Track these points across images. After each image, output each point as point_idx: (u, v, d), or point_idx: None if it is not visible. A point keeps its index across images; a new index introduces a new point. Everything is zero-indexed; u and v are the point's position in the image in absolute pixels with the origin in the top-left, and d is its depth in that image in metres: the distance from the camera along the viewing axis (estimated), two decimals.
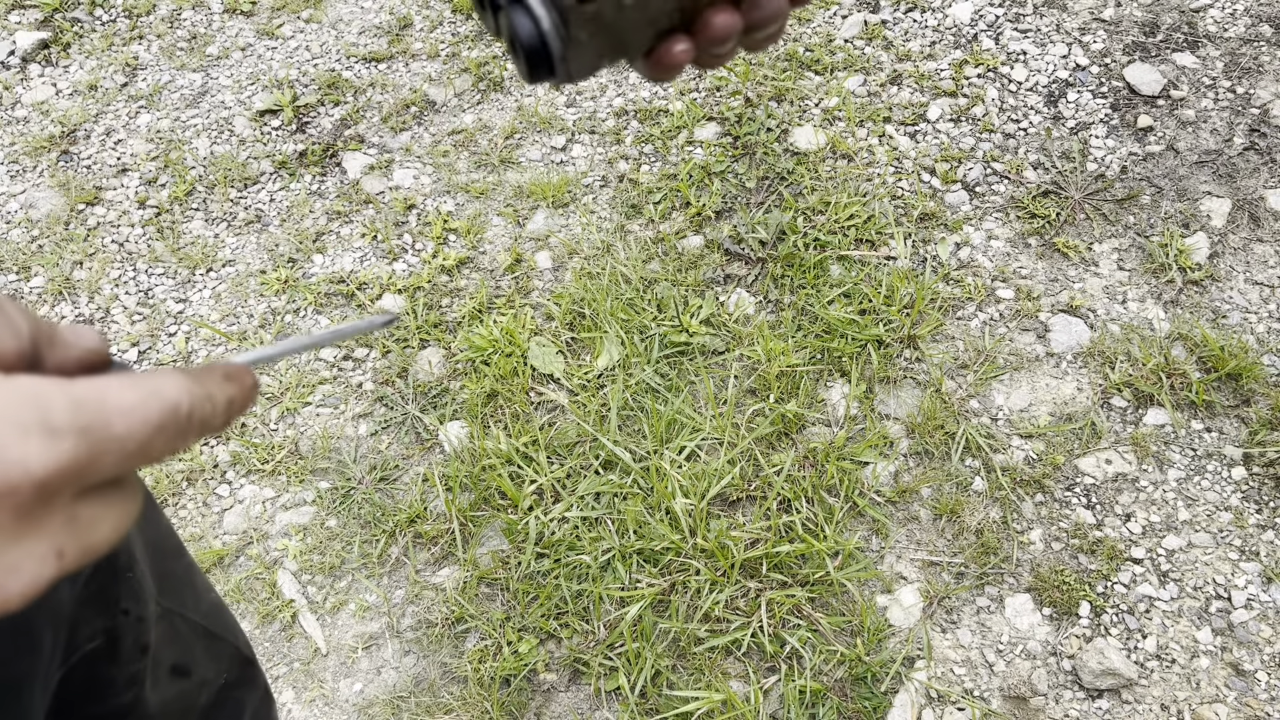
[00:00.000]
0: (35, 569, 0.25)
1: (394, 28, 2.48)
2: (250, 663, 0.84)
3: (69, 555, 0.26)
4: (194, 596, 0.75)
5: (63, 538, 0.26)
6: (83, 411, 0.25)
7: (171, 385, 0.28)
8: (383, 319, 0.40)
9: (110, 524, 0.28)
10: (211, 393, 0.30)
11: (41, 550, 0.25)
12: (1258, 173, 1.95)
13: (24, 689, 0.51)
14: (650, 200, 2.06)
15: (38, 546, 0.25)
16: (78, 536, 0.27)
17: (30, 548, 0.25)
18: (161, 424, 0.27)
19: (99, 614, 0.59)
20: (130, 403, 0.27)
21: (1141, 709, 1.45)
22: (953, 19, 2.30)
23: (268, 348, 0.37)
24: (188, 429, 0.28)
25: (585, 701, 1.52)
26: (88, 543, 0.27)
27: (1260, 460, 1.63)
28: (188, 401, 0.28)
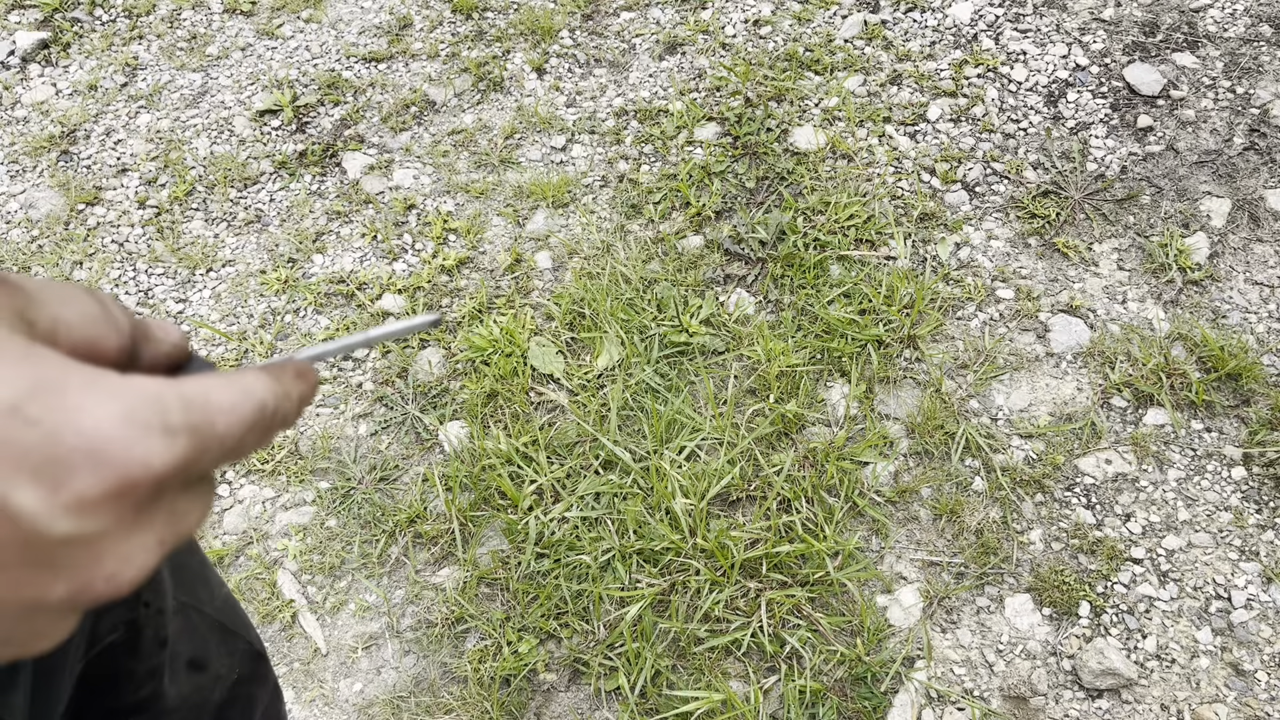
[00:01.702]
0: (143, 558, 0.27)
1: (394, 28, 2.48)
2: (262, 658, 0.84)
3: (167, 543, 0.28)
4: (208, 591, 0.75)
5: (164, 528, 0.27)
6: (192, 411, 0.26)
7: (259, 385, 0.30)
8: (431, 317, 0.41)
9: (198, 513, 0.29)
10: (289, 390, 0.31)
11: (149, 541, 0.27)
12: (1258, 173, 1.95)
13: (52, 679, 0.51)
14: (650, 200, 2.06)
15: (147, 537, 0.27)
16: (174, 526, 0.28)
17: (141, 539, 0.26)
18: (254, 422, 0.29)
19: (121, 605, 0.60)
20: (230, 402, 0.28)
21: (1141, 709, 1.45)
22: (953, 19, 2.30)
23: (328, 344, 0.38)
24: (271, 425, 0.30)
25: (585, 701, 1.52)
26: (181, 531, 0.28)
27: (1260, 460, 1.63)
28: (273, 400, 0.30)
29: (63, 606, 0.26)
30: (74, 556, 0.25)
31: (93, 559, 0.25)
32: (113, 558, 0.26)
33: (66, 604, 0.26)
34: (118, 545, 0.26)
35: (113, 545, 0.26)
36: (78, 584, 0.25)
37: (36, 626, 0.27)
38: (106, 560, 0.26)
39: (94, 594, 0.26)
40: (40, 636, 0.27)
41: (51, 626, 0.27)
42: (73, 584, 0.25)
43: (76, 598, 0.26)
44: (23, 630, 0.26)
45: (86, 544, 0.25)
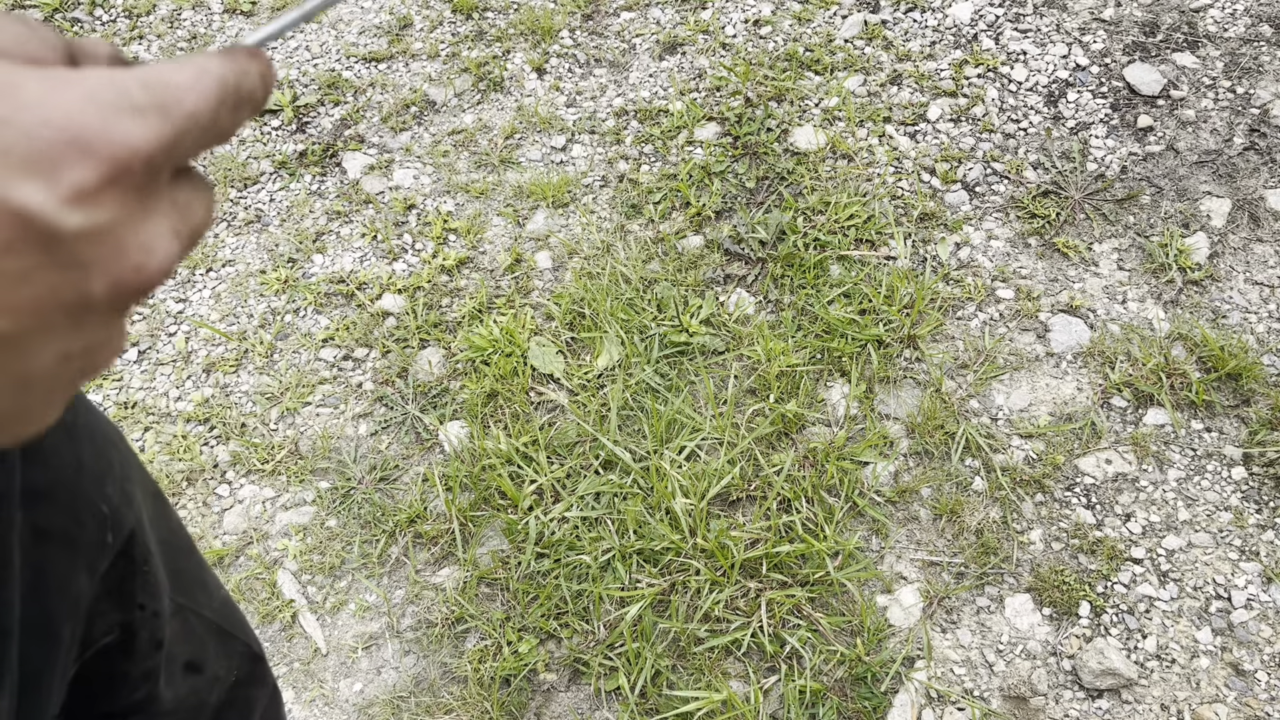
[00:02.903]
0: (164, 248, 0.27)
1: (394, 28, 2.48)
2: (260, 660, 0.84)
3: (183, 234, 0.28)
4: (205, 593, 0.75)
5: (173, 218, 0.28)
6: (154, 90, 0.26)
7: (213, 63, 0.29)
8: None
9: (201, 206, 0.30)
10: (245, 68, 0.31)
11: (163, 230, 0.27)
12: (1258, 173, 1.95)
13: (41, 680, 0.51)
14: (650, 200, 2.06)
15: (160, 225, 0.27)
16: (184, 217, 0.28)
17: (155, 226, 0.27)
18: (221, 96, 0.28)
19: (116, 608, 0.60)
20: (189, 79, 0.28)
21: (1141, 709, 1.45)
22: (953, 19, 2.30)
23: (269, 25, 0.38)
24: (240, 101, 0.30)
25: (585, 701, 1.52)
26: (192, 224, 0.29)
27: (1260, 460, 1.63)
28: (232, 74, 0.30)
29: (107, 305, 0.26)
30: (96, 252, 0.25)
31: (115, 252, 0.26)
32: (134, 248, 0.26)
33: (109, 301, 0.26)
34: (134, 235, 0.26)
35: (129, 235, 0.26)
36: (111, 277, 0.26)
37: (97, 333, 0.27)
38: (129, 251, 0.26)
39: (129, 286, 0.26)
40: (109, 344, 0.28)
41: (108, 331, 0.28)
42: (107, 277, 0.26)
43: (116, 292, 0.26)
44: (89, 338, 0.27)
45: (102, 237, 0.25)
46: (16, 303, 0.24)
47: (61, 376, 0.28)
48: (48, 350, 0.26)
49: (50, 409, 0.29)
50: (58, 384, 0.28)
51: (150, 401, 1.91)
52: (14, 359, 0.25)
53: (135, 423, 1.88)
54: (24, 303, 0.24)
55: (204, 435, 1.86)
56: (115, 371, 1.96)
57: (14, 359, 0.25)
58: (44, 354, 0.26)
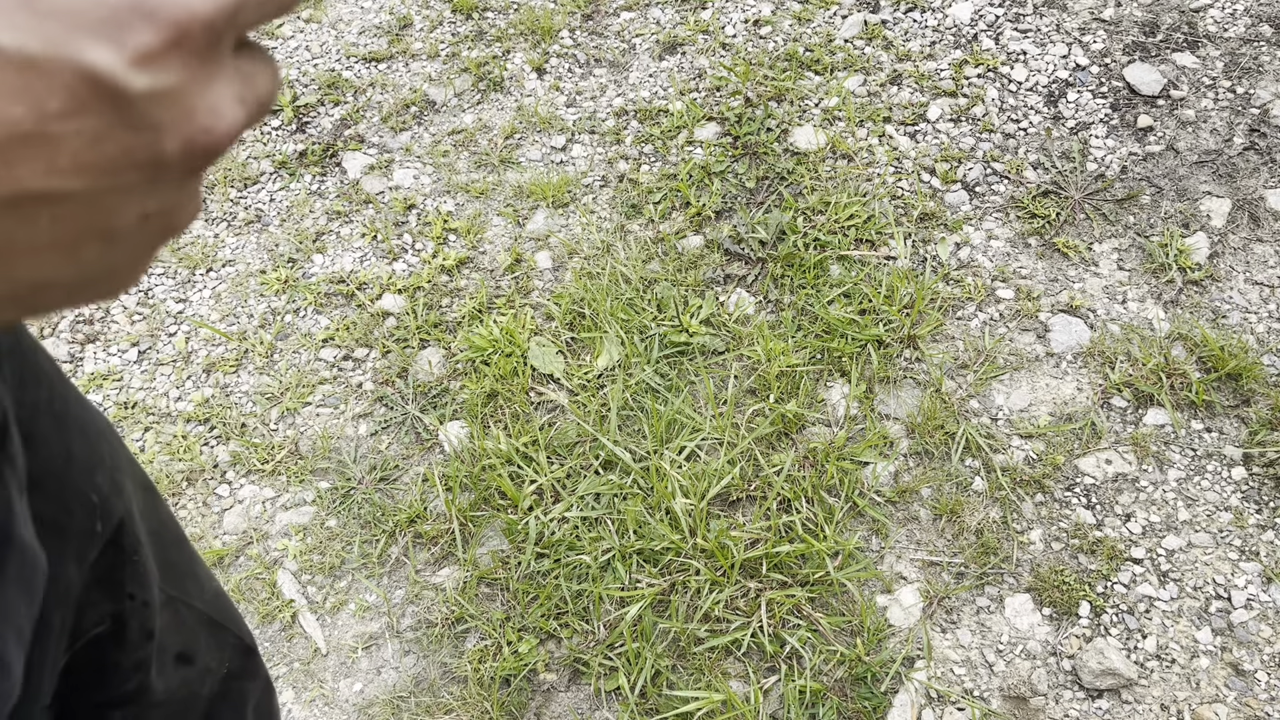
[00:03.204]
0: (231, 112, 0.28)
1: (394, 28, 2.48)
2: (252, 652, 0.84)
3: (249, 101, 0.29)
4: (196, 585, 0.75)
5: (239, 85, 0.28)
6: None
7: None
8: None
9: (266, 77, 0.30)
10: None
11: (229, 94, 0.28)
12: (1258, 173, 1.95)
13: (31, 670, 0.51)
14: (650, 200, 2.06)
15: (225, 90, 0.28)
16: (249, 85, 0.29)
17: (220, 91, 0.28)
18: None
19: (106, 597, 0.60)
20: None
21: (1141, 709, 1.45)
22: (953, 19, 2.30)
23: None
24: None
25: (585, 701, 1.52)
26: (257, 93, 0.29)
27: (1260, 460, 1.63)
28: None
29: (180, 165, 0.27)
30: (165, 113, 0.26)
31: (183, 113, 0.27)
32: (202, 111, 0.27)
33: (182, 161, 0.27)
34: (201, 97, 0.27)
35: (196, 97, 0.27)
36: (182, 137, 0.27)
37: (173, 194, 0.29)
38: (198, 113, 0.27)
39: (199, 147, 0.27)
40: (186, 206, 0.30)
41: (183, 193, 0.29)
42: (178, 138, 0.27)
43: (188, 152, 0.27)
44: (165, 198, 0.28)
45: (170, 99, 0.26)
46: (95, 161, 0.26)
47: (143, 235, 0.29)
48: (128, 208, 0.28)
49: (136, 268, 0.31)
50: (140, 242, 0.29)
51: (150, 401, 1.91)
52: (97, 216, 0.27)
53: (135, 423, 1.88)
54: (102, 161, 0.26)
55: (204, 435, 1.86)
56: (115, 371, 1.96)
57: (97, 216, 0.27)
58: (125, 212, 0.28)
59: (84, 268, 0.29)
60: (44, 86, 0.24)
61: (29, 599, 0.47)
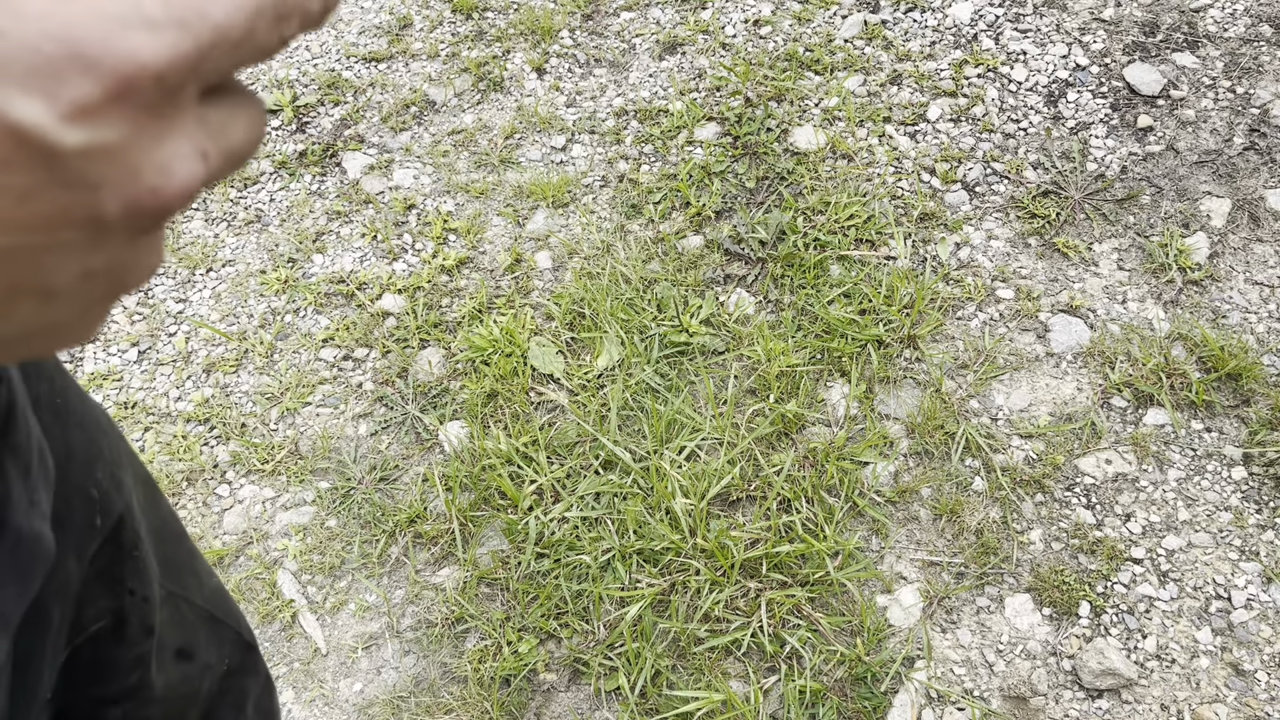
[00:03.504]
0: (185, 169, 0.26)
1: (394, 28, 2.48)
2: (252, 649, 0.85)
3: (213, 157, 0.27)
4: (196, 581, 0.75)
5: (200, 138, 0.26)
6: (173, 2, 0.25)
7: None
8: None
9: (242, 127, 0.28)
10: None
11: (185, 150, 0.26)
12: (1258, 173, 1.95)
13: (30, 664, 0.51)
14: (650, 200, 2.06)
15: (180, 146, 0.26)
16: (214, 139, 0.27)
17: (173, 148, 0.25)
18: (258, 7, 0.26)
19: (106, 593, 0.60)
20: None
21: (1141, 709, 1.45)
22: (953, 19, 2.30)
23: None
24: (284, 11, 0.27)
25: (585, 701, 1.52)
26: (226, 145, 0.27)
27: (1260, 460, 1.63)
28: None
29: (125, 226, 0.26)
30: (104, 171, 0.24)
31: (126, 172, 0.25)
32: (148, 169, 0.25)
33: (125, 221, 0.25)
34: (148, 155, 0.25)
35: (143, 155, 0.25)
36: (124, 198, 0.25)
37: (121, 253, 0.27)
38: (143, 172, 0.25)
39: (145, 209, 0.25)
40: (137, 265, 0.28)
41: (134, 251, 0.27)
42: (119, 199, 0.25)
43: (132, 213, 0.25)
44: (112, 257, 0.27)
45: (110, 156, 0.24)
46: (21, 219, 0.24)
47: (88, 293, 0.27)
48: (66, 266, 0.26)
49: (85, 324, 0.29)
50: (85, 300, 0.28)
51: (150, 401, 1.91)
52: (28, 273, 0.25)
53: (135, 423, 1.88)
54: (31, 219, 0.24)
55: (204, 435, 1.86)
56: (115, 371, 1.96)
57: (28, 273, 0.25)
58: (63, 270, 0.26)
59: (18, 324, 0.27)
60: None
61: (21, 586, 0.46)
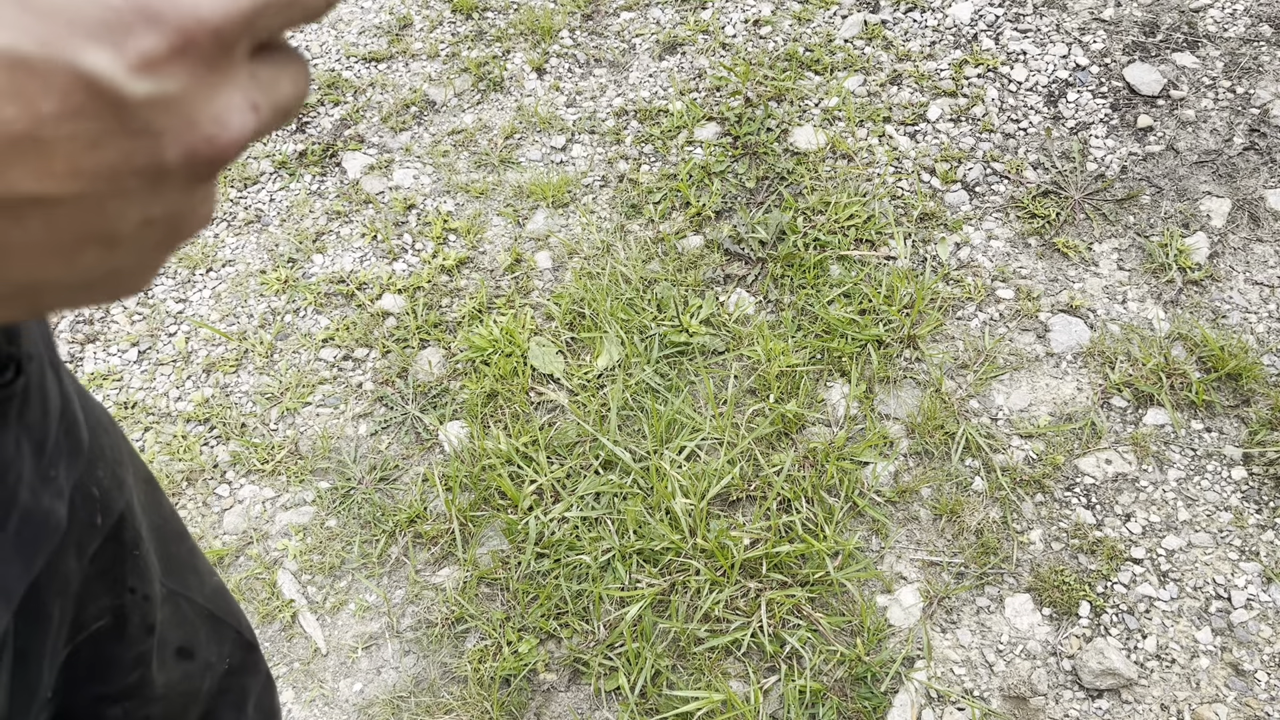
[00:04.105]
0: (238, 120, 0.27)
1: (394, 28, 2.48)
2: (253, 648, 0.85)
3: (263, 110, 0.28)
4: (197, 579, 0.75)
5: (252, 92, 0.28)
6: None
7: None
8: None
9: (289, 83, 0.29)
10: None
11: (238, 102, 0.27)
12: (1258, 173, 1.95)
13: (30, 662, 0.51)
14: (650, 200, 2.06)
15: (234, 98, 0.27)
16: (265, 92, 0.28)
17: (227, 99, 0.27)
18: None
19: (107, 591, 0.60)
20: None
21: (1141, 709, 1.45)
22: (953, 19, 2.30)
23: None
24: None
25: (585, 701, 1.52)
26: (275, 99, 0.29)
27: (1260, 460, 1.63)
28: None
29: (184, 173, 0.27)
30: (166, 120, 0.26)
31: (186, 121, 0.26)
32: (205, 119, 0.27)
33: (184, 168, 0.27)
34: (206, 105, 0.26)
35: (201, 105, 0.26)
36: (183, 146, 0.26)
37: (179, 201, 0.28)
38: (200, 122, 0.26)
39: (202, 157, 0.27)
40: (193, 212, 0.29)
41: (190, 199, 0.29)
42: (179, 146, 0.26)
43: (190, 161, 0.27)
44: (170, 204, 0.28)
45: (172, 106, 0.26)
46: (92, 166, 0.25)
47: (147, 240, 0.29)
48: (129, 214, 0.27)
49: (143, 271, 0.30)
50: (144, 247, 0.29)
51: (150, 401, 1.91)
52: (95, 220, 0.27)
53: (135, 423, 1.88)
54: (99, 166, 0.25)
55: (204, 435, 1.86)
56: (115, 371, 1.96)
57: (95, 220, 0.27)
58: (126, 217, 0.27)
59: (83, 271, 0.28)
60: (38, 88, 0.24)
61: (26, 563, 0.46)
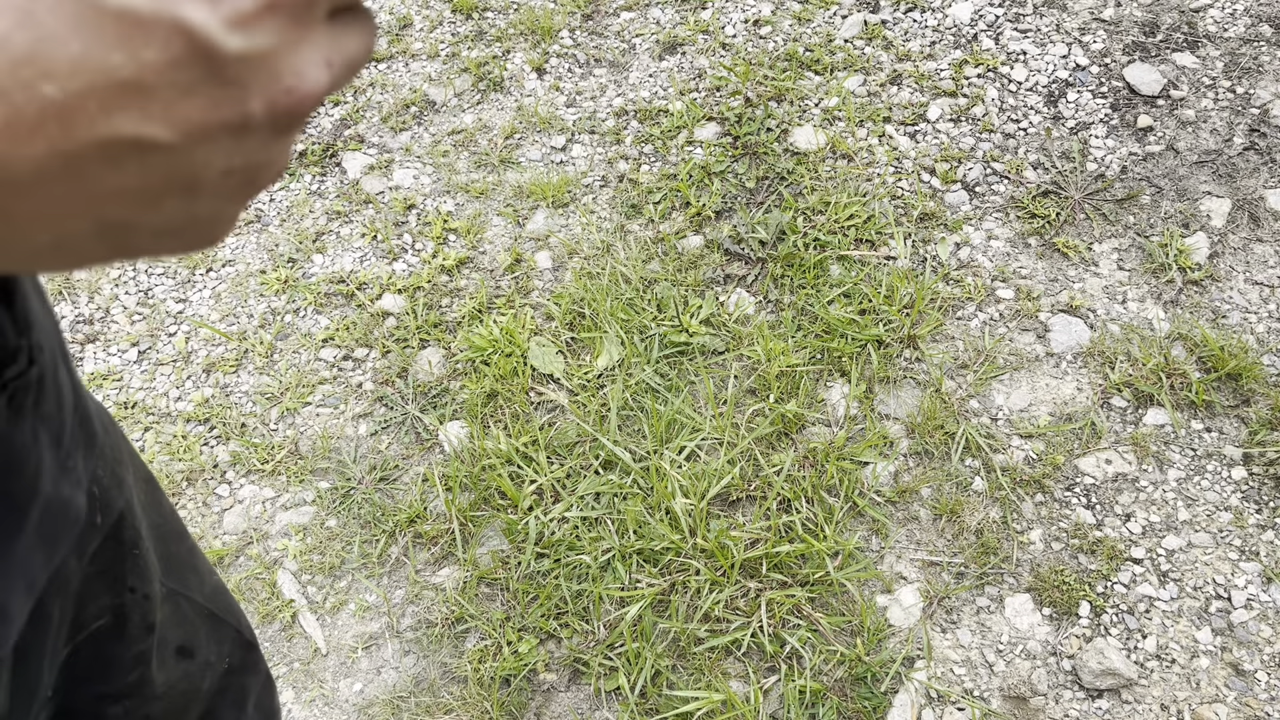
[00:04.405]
0: (315, 74, 0.29)
1: (394, 28, 2.48)
2: (252, 647, 0.85)
3: (336, 65, 0.30)
4: (197, 578, 0.75)
5: (327, 48, 0.30)
6: None
7: None
8: None
9: (357, 41, 0.32)
10: None
11: (317, 57, 0.30)
12: (1258, 173, 1.95)
13: (30, 661, 0.51)
14: (650, 200, 2.06)
15: (314, 53, 0.29)
16: (337, 49, 0.31)
17: (307, 54, 0.29)
18: None
19: (106, 590, 0.60)
20: None
21: (1141, 709, 1.45)
22: (953, 19, 2.30)
23: None
24: None
25: (585, 701, 1.52)
26: (346, 55, 0.31)
27: (1260, 460, 1.63)
28: None
29: (265, 124, 0.29)
30: (253, 73, 0.28)
31: (270, 74, 0.28)
32: (287, 72, 0.29)
33: (267, 120, 0.29)
34: (288, 59, 0.28)
35: (284, 59, 0.28)
36: (266, 97, 0.28)
37: (257, 152, 0.30)
38: (283, 74, 0.29)
39: (282, 108, 0.29)
40: (270, 164, 0.31)
41: (268, 151, 0.31)
42: (263, 97, 0.28)
43: (272, 111, 0.29)
44: (250, 155, 0.30)
45: (259, 59, 0.28)
46: (185, 113, 0.27)
47: (225, 189, 0.31)
48: (213, 162, 0.29)
49: (218, 223, 0.32)
50: (221, 196, 0.31)
51: (150, 401, 1.91)
52: (182, 166, 0.29)
53: (135, 423, 1.88)
54: (190, 114, 0.27)
55: (204, 435, 1.86)
56: (115, 371, 1.96)
57: (182, 166, 0.29)
58: (209, 165, 0.29)
59: (166, 216, 0.30)
60: (143, 38, 0.26)
61: (48, 552, 0.48)
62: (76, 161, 0.27)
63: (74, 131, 0.26)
